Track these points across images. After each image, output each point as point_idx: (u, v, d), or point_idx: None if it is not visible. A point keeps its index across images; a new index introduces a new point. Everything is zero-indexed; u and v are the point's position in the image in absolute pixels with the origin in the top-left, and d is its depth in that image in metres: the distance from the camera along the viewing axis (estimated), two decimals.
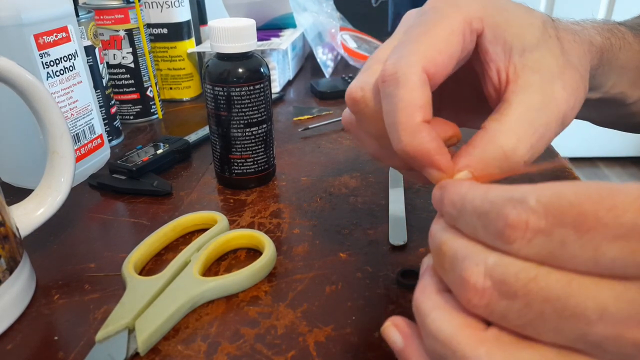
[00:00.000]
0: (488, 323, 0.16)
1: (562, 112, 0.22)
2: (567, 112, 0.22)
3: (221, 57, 0.39)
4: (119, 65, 0.57)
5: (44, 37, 0.39)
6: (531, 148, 0.21)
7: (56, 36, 0.40)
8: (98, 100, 0.49)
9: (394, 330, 0.20)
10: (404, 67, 0.21)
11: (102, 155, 0.47)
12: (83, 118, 0.44)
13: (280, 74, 0.69)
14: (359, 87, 0.24)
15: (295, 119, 0.59)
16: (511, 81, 0.22)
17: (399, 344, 0.19)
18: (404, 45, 0.22)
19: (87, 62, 0.46)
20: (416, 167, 0.22)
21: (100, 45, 0.51)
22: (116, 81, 0.58)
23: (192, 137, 0.51)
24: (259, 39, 0.69)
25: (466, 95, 0.28)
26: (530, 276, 0.15)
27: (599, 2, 1.31)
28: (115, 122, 0.54)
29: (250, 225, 0.37)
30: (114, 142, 0.53)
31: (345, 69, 0.81)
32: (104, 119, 0.51)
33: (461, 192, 0.18)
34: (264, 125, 0.41)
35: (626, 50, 0.31)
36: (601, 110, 0.34)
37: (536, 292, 0.15)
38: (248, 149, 0.41)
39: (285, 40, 0.69)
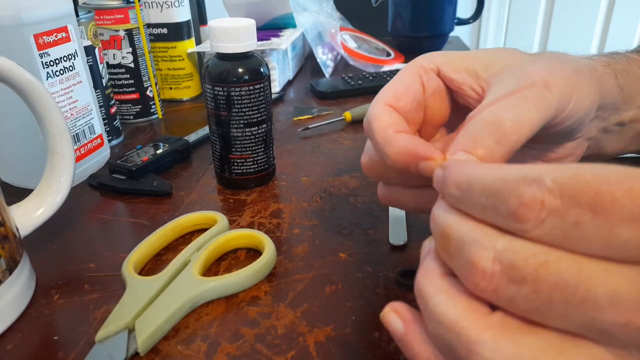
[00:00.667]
0: (493, 307, 0.16)
1: (541, 81, 0.23)
2: (548, 81, 0.23)
3: (221, 57, 0.39)
4: (119, 65, 0.57)
5: (44, 37, 0.39)
6: (515, 117, 0.21)
7: (56, 36, 0.40)
8: (98, 100, 0.49)
9: (394, 315, 0.20)
10: (372, 110, 0.26)
11: (102, 155, 0.47)
12: (83, 118, 0.44)
13: (280, 74, 0.69)
14: (364, 155, 0.28)
15: (295, 119, 0.59)
16: (485, 88, 0.25)
17: (399, 329, 0.19)
18: (370, 105, 0.26)
19: (87, 62, 0.46)
20: (415, 173, 0.23)
21: (100, 45, 0.51)
22: (116, 81, 0.58)
23: (192, 137, 0.51)
24: (259, 39, 0.69)
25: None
26: (540, 261, 0.14)
27: (593, 31, 1.32)
28: (115, 122, 0.54)
29: (250, 225, 0.37)
30: (114, 142, 0.54)
31: (345, 69, 0.81)
32: (103, 119, 0.51)
33: (467, 172, 0.17)
34: (264, 125, 0.41)
35: (638, 66, 0.32)
36: None
37: (546, 277, 0.14)
38: (248, 149, 0.41)
39: (285, 40, 0.69)
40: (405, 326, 0.19)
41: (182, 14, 0.64)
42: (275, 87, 0.68)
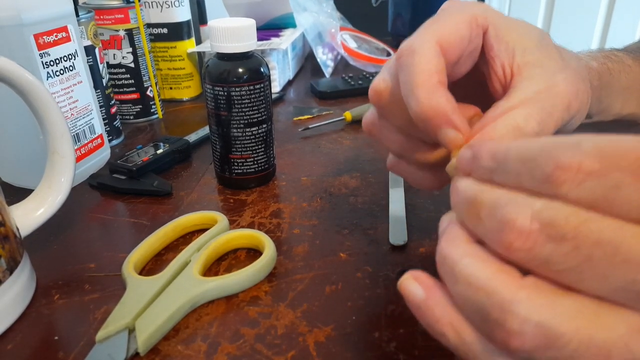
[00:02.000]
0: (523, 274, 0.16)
1: (567, 98, 0.24)
2: (571, 100, 0.24)
3: (221, 57, 0.39)
4: (119, 65, 0.57)
5: (44, 37, 0.39)
6: (540, 122, 0.22)
7: (56, 36, 0.40)
8: (98, 100, 0.49)
9: (414, 282, 0.19)
10: (419, 41, 0.23)
11: (102, 155, 0.47)
12: (83, 118, 0.44)
13: (280, 73, 0.69)
14: (382, 79, 0.26)
15: (295, 119, 0.59)
16: (515, 74, 0.24)
17: (419, 295, 0.19)
18: (416, 33, 0.24)
19: (87, 62, 0.46)
20: (432, 132, 0.23)
21: (100, 45, 0.51)
22: (116, 81, 0.58)
23: (192, 137, 0.52)
24: (259, 39, 0.69)
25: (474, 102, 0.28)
26: (581, 219, 0.14)
27: (593, 30, 1.33)
28: (115, 122, 0.54)
29: (250, 225, 0.37)
30: (114, 142, 0.54)
31: (345, 69, 0.81)
32: (104, 119, 0.51)
33: (502, 144, 0.17)
34: (264, 125, 0.41)
35: (627, 73, 0.33)
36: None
37: (587, 235, 0.14)
38: (248, 148, 0.41)
39: (285, 40, 0.69)
40: (425, 292, 0.18)
41: (182, 13, 0.64)
42: (276, 87, 0.68)
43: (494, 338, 0.15)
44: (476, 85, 0.27)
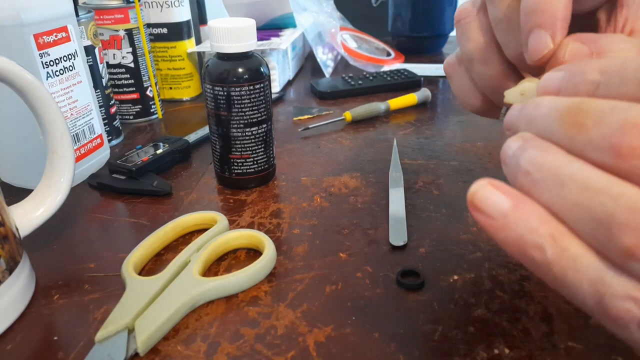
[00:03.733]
0: None
1: None
2: None
3: (221, 57, 0.39)
4: (119, 65, 0.57)
5: (44, 37, 0.39)
6: None
7: (56, 36, 0.40)
8: (98, 100, 0.49)
9: (494, 189, 0.16)
10: None
11: (102, 155, 0.47)
12: (83, 118, 0.44)
13: (280, 73, 0.69)
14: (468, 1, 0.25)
15: (295, 119, 0.59)
16: (636, 32, 0.22)
17: (505, 204, 0.16)
18: None
19: (87, 62, 0.46)
20: (526, 30, 0.21)
21: (100, 45, 0.51)
22: (116, 81, 0.58)
23: (192, 137, 0.51)
24: (259, 39, 0.69)
25: None
26: None
27: None
28: (115, 122, 0.54)
29: (250, 225, 0.37)
30: (114, 142, 0.53)
31: (345, 69, 0.81)
32: (103, 119, 0.51)
33: (615, 58, 0.16)
34: (264, 125, 0.41)
35: None
36: None
37: None
38: (248, 148, 0.41)
39: (285, 40, 0.69)
40: (512, 200, 0.16)
41: (182, 13, 0.64)
42: (275, 87, 0.68)
43: (616, 246, 0.14)
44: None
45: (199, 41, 0.73)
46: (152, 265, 0.33)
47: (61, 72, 0.41)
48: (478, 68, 0.26)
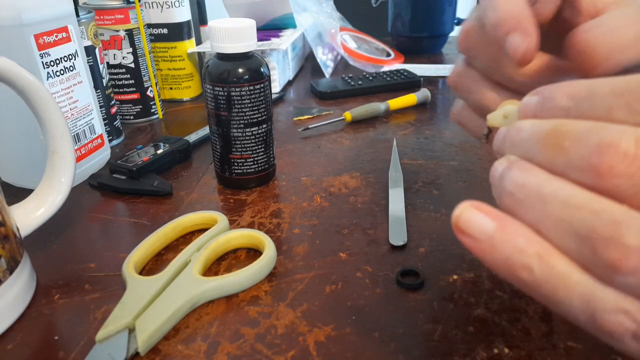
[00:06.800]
0: None
1: None
2: None
3: (221, 57, 0.39)
4: (119, 65, 0.57)
5: (44, 37, 0.39)
6: (635, 38, 0.20)
7: (56, 36, 0.40)
8: (98, 100, 0.49)
9: (477, 212, 0.17)
10: None
11: (103, 155, 0.47)
12: (83, 118, 0.44)
13: (280, 74, 0.69)
14: (469, 21, 0.26)
15: (295, 119, 0.59)
16: (604, 8, 0.23)
17: (489, 226, 0.16)
18: None
19: (88, 62, 0.46)
20: (502, 40, 0.22)
21: (101, 45, 0.51)
22: (116, 81, 0.58)
23: (192, 137, 0.52)
24: (259, 39, 0.69)
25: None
26: None
27: None
28: (116, 122, 0.54)
29: (251, 225, 0.37)
30: (114, 142, 0.54)
31: (345, 69, 0.81)
32: (104, 119, 0.51)
33: (584, 82, 0.16)
34: (264, 125, 0.41)
35: None
36: None
37: None
38: (248, 149, 0.41)
39: (285, 40, 0.69)
40: (496, 222, 0.16)
41: (182, 14, 0.64)
42: (276, 87, 0.68)
43: (600, 261, 0.14)
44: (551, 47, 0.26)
45: (199, 41, 0.73)
46: (153, 265, 0.33)
47: (62, 72, 0.41)
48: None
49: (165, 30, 0.64)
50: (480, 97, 0.27)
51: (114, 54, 0.57)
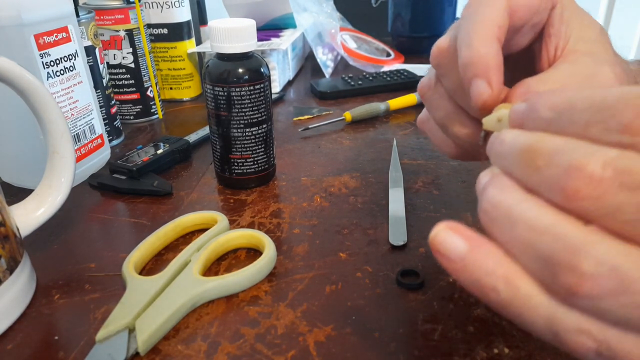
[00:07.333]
0: None
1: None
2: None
3: (221, 57, 0.39)
4: (119, 66, 0.57)
5: (44, 37, 0.39)
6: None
7: (56, 36, 0.40)
8: (98, 100, 0.49)
9: (452, 233, 0.17)
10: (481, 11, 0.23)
11: (103, 155, 0.47)
12: (83, 118, 0.44)
13: (280, 74, 0.69)
14: (445, 37, 0.26)
15: (295, 119, 0.59)
16: (560, 58, 0.24)
17: (461, 247, 0.17)
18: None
19: (88, 62, 0.46)
20: (467, 81, 0.23)
21: (101, 45, 0.51)
22: (116, 81, 0.58)
23: (192, 137, 0.52)
24: (259, 39, 0.69)
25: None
26: None
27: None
28: (116, 122, 0.54)
29: (251, 225, 0.37)
30: (114, 142, 0.54)
31: (345, 69, 0.81)
32: (104, 119, 0.51)
33: (565, 94, 0.16)
34: (264, 125, 0.41)
35: None
36: None
37: None
38: (248, 149, 0.41)
39: (285, 40, 0.69)
40: (468, 243, 0.17)
41: (183, 14, 0.64)
42: (276, 87, 0.68)
43: (559, 285, 0.14)
44: (522, 70, 0.27)
45: (199, 41, 0.73)
46: (153, 265, 0.33)
47: (62, 72, 0.41)
48: (451, 130, 0.27)
49: (165, 31, 0.64)
50: (443, 115, 0.27)
51: (114, 54, 0.57)
